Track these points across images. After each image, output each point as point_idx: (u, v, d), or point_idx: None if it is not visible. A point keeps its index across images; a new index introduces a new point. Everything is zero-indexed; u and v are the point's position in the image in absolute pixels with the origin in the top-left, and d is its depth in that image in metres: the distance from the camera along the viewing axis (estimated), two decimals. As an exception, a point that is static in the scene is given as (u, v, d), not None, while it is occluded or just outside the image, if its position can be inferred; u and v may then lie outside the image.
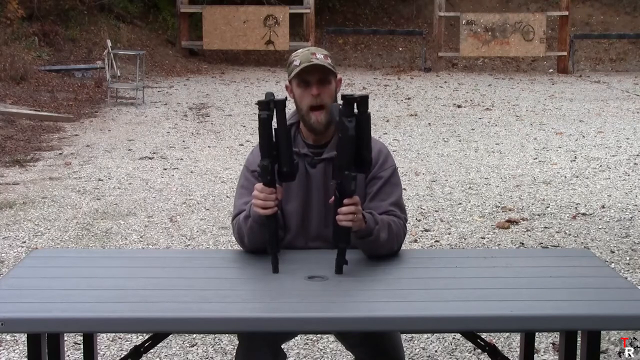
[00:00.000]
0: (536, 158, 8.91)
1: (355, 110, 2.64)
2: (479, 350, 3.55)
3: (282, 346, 2.95)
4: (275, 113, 2.65)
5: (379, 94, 14.62)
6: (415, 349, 4.01)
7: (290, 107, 2.81)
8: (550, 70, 19.24)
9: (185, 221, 6.29)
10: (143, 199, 6.97)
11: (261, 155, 2.68)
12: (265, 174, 2.67)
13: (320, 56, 2.88)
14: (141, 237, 5.88)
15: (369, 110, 2.66)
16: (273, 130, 2.66)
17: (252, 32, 18.71)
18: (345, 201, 2.67)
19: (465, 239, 5.86)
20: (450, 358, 3.93)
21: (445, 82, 16.81)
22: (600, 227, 6.17)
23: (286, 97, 2.71)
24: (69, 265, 2.90)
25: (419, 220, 6.30)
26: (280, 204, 2.78)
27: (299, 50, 2.96)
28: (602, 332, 2.73)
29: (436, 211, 6.59)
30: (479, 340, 2.78)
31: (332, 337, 3.98)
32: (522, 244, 5.75)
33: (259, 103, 2.63)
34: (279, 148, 2.67)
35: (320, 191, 2.94)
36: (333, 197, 2.71)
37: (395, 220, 2.88)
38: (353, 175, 2.66)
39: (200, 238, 5.85)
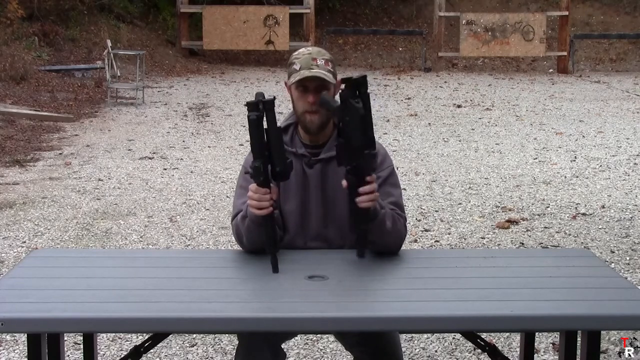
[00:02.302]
0: (536, 158, 8.91)
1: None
2: (479, 350, 3.55)
3: (282, 346, 2.95)
4: (265, 113, 2.65)
5: (379, 94, 14.60)
6: (415, 349, 4.01)
7: (282, 108, 2.80)
8: (550, 70, 19.23)
9: (185, 221, 6.29)
10: (143, 199, 6.97)
11: (253, 156, 2.69)
12: (257, 175, 2.67)
13: (321, 62, 2.86)
14: (141, 237, 5.88)
15: (368, 90, 2.70)
16: (264, 130, 2.67)
17: (252, 32, 18.70)
18: (368, 179, 2.68)
19: (465, 239, 5.86)
20: (450, 358, 3.93)
21: (445, 82, 16.80)
22: (600, 227, 6.17)
23: (274, 97, 2.71)
24: (69, 265, 2.91)
25: (419, 220, 6.30)
26: (277, 203, 2.78)
27: (300, 51, 2.92)
28: (602, 332, 2.73)
29: (436, 211, 6.59)
30: (479, 340, 2.78)
31: (332, 337, 3.98)
32: (522, 244, 5.75)
33: (248, 104, 2.63)
34: (271, 148, 2.67)
35: (318, 191, 2.94)
36: (346, 182, 2.70)
37: (397, 217, 2.88)
38: (374, 153, 2.69)
39: (200, 238, 5.85)
